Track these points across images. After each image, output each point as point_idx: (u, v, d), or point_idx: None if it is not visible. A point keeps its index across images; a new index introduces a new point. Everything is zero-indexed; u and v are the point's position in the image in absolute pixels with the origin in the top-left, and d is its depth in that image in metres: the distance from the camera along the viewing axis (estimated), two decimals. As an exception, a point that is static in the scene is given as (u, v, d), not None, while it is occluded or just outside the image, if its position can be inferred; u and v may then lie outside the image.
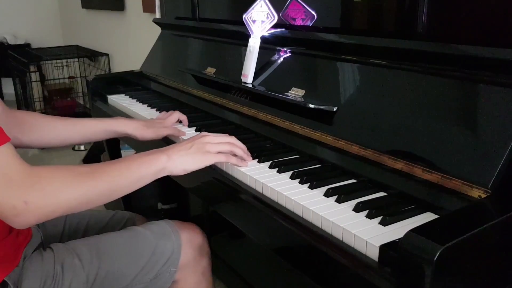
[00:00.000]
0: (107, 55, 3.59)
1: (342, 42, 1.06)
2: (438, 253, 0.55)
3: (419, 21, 0.93)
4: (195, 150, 0.93)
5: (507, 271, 0.68)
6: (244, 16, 1.24)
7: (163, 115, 1.29)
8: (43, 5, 4.62)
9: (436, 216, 0.74)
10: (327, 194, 0.83)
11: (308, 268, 0.79)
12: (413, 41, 0.91)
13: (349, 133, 0.94)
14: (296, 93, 1.09)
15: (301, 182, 0.89)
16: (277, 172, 0.94)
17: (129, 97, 1.67)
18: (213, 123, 1.31)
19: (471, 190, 0.72)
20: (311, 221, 0.78)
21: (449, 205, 0.73)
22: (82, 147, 3.30)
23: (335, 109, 0.99)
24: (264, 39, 1.21)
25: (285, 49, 1.22)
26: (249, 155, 1.00)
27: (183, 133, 1.20)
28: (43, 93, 3.91)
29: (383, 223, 0.72)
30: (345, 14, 1.14)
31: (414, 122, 0.85)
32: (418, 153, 0.81)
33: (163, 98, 1.61)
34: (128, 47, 3.26)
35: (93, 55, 3.72)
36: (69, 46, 4.23)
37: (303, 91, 1.08)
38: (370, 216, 0.75)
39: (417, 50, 0.90)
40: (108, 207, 2.04)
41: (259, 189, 0.90)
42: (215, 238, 1.70)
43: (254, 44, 1.21)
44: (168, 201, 2.04)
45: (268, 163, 0.98)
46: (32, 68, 3.72)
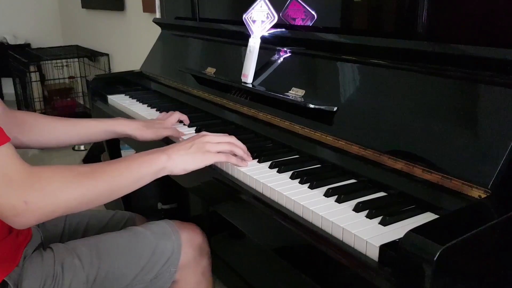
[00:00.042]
0: (107, 55, 3.59)
1: (342, 42, 1.06)
2: (438, 253, 0.55)
3: (419, 21, 0.93)
4: (195, 150, 0.93)
5: (507, 271, 0.68)
6: (244, 16, 1.24)
7: (163, 115, 1.29)
8: (43, 5, 4.62)
9: (436, 216, 0.74)
10: (327, 194, 0.83)
11: (308, 268, 0.79)
12: (413, 41, 0.91)
13: (349, 133, 0.94)
14: (296, 93, 1.09)
15: (301, 182, 0.89)
16: (277, 172, 0.94)
17: (129, 97, 1.67)
18: (213, 123, 1.31)
19: (471, 190, 0.72)
20: (311, 221, 0.78)
21: (449, 205, 0.73)
22: (82, 147, 3.30)
23: (335, 109, 0.99)
24: (264, 39, 1.21)
25: (285, 49, 1.22)
26: (249, 155, 1.00)
27: (183, 134, 1.20)
28: (43, 93, 3.90)
29: (383, 223, 0.73)
30: (345, 14, 1.14)
31: (414, 122, 0.85)
32: (418, 153, 0.81)
33: (163, 98, 1.61)
34: (128, 47, 3.26)
35: (93, 55, 3.72)
36: (69, 46, 4.23)
37: (303, 91, 1.08)
38: (370, 216, 0.75)
39: (417, 50, 0.90)
40: (108, 207, 2.04)
41: (259, 189, 0.90)
42: (215, 238, 1.70)
43: (254, 44, 1.21)
44: (168, 201, 2.04)
45: (268, 163, 0.98)
46: (32, 68, 3.72)
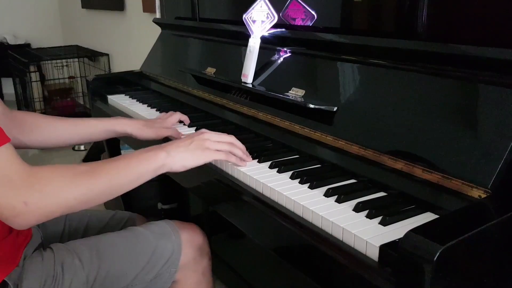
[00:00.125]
0: (107, 55, 3.59)
1: (342, 42, 1.06)
2: (438, 253, 0.55)
3: (419, 21, 0.93)
4: (195, 147, 0.93)
5: (507, 271, 0.68)
6: (244, 16, 1.24)
7: (163, 115, 1.29)
8: (43, 5, 4.62)
9: (436, 216, 0.74)
10: (327, 194, 0.83)
11: (308, 268, 0.79)
12: (413, 41, 0.91)
13: (349, 133, 0.94)
14: (296, 93, 1.09)
15: (301, 182, 0.89)
16: (277, 172, 0.94)
17: (129, 97, 1.67)
18: (213, 123, 1.31)
19: (471, 190, 0.72)
20: (311, 221, 0.78)
21: (449, 205, 0.73)
22: (82, 147, 3.30)
23: (335, 109, 0.99)
24: (264, 39, 1.21)
25: (285, 49, 1.22)
26: (248, 155, 1.00)
27: (183, 134, 1.20)
28: (43, 93, 3.91)
29: (383, 223, 0.73)
30: (345, 14, 1.14)
31: (414, 122, 0.84)
32: (418, 153, 0.81)
33: (163, 98, 1.61)
34: (128, 47, 3.26)
35: (93, 55, 3.72)
36: (69, 46, 4.23)
37: (303, 91, 1.08)
38: (370, 216, 0.75)
39: (417, 50, 0.90)
40: (108, 207, 2.04)
41: (259, 189, 0.90)
42: (215, 238, 1.70)
43: (254, 44, 1.21)
44: (168, 201, 2.04)
45: (268, 163, 0.98)
46: (32, 68, 3.73)
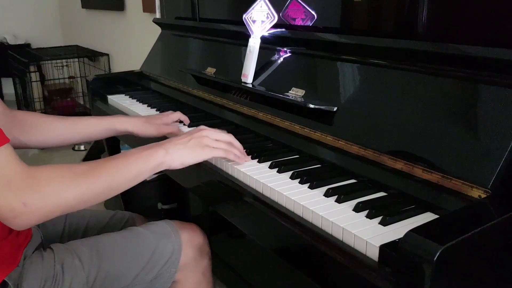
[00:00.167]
0: (107, 55, 3.59)
1: (342, 42, 1.06)
2: (438, 253, 0.55)
3: (419, 21, 0.93)
4: (194, 144, 0.92)
5: (507, 271, 0.68)
6: (244, 16, 1.24)
7: (163, 114, 1.29)
8: (43, 5, 4.62)
9: (436, 216, 0.74)
10: (327, 194, 0.83)
11: (308, 268, 0.79)
12: (413, 41, 0.91)
13: (349, 133, 0.94)
14: (296, 93, 1.09)
15: (301, 182, 0.89)
16: (277, 172, 0.94)
17: (129, 97, 1.67)
18: (213, 123, 1.31)
19: (471, 190, 0.72)
20: (311, 221, 0.78)
21: (449, 205, 0.73)
22: (82, 147, 3.30)
23: (335, 109, 0.99)
24: (264, 39, 1.21)
25: (285, 49, 1.22)
26: (245, 155, 1.00)
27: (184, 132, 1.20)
28: (43, 93, 3.90)
29: (383, 223, 0.72)
30: (345, 14, 1.14)
31: (414, 122, 0.84)
32: (418, 153, 0.81)
33: (163, 98, 1.61)
34: (128, 47, 3.26)
35: (93, 55, 3.72)
36: (69, 46, 4.23)
37: (303, 91, 1.08)
38: (370, 216, 0.75)
39: (417, 50, 0.90)
40: (108, 207, 2.04)
41: (259, 189, 0.90)
42: (215, 238, 1.70)
43: (254, 44, 1.21)
44: (168, 201, 2.04)
45: (268, 163, 0.98)
46: (32, 68, 3.72)
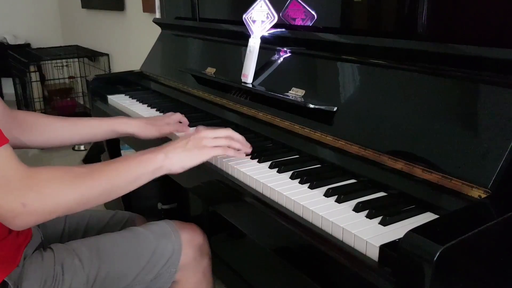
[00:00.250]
0: (107, 55, 3.59)
1: (342, 42, 1.06)
2: (438, 253, 0.55)
3: (419, 21, 0.93)
4: (192, 146, 0.92)
5: (507, 271, 0.68)
6: (244, 16, 1.24)
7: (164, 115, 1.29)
8: (43, 5, 4.62)
9: (436, 216, 0.74)
10: (327, 194, 0.83)
11: (308, 268, 0.79)
12: (413, 41, 0.91)
13: (349, 133, 0.94)
14: (296, 93, 1.09)
15: (301, 182, 0.89)
16: (277, 172, 0.94)
17: (129, 97, 1.67)
18: (213, 123, 1.31)
19: (471, 190, 0.72)
20: (311, 221, 0.78)
21: (449, 205, 0.73)
22: (82, 147, 3.30)
23: (335, 109, 0.99)
24: (264, 39, 1.21)
25: (285, 49, 1.22)
26: (248, 145, 1.00)
27: (187, 128, 1.19)
28: (43, 93, 3.90)
29: (383, 223, 0.73)
30: (345, 14, 1.14)
31: (414, 122, 0.84)
32: (418, 153, 0.81)
33: (163, 98, 1.61)
34: (128, 47, 3.26)
35: (93, 55, 3.72)
36: (69, 46, 4.23)
37: (303, 91, 1.08)
38: (370, 216, 0.75)
39: (417, 50, 0.90)
40: (108, 207, 2.04)
41: (259, 189, 0.90)
42: (215, 238, 1.70)
43: (254, 44, 1.21)
44: (168, 201, 2.04)
45: (268, 163, 0.98)
46: (32, 68, 3.72)
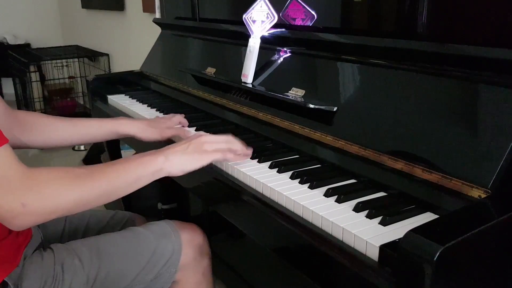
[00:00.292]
0: (107, 55, 3.59)
1: (342, 42, 1.06)
2: (438, 253, 0.55)
3: (419, 21, 0.93)
4: (192, 150, 0.92)
5: (507, 271, 0.68)
6: (244, 16, 1.24)
7: (165, 117, 1.29)
8: (43, 5, 4.62)
9: (436, 216, 0.74)
10: (327, 194, 0.83)
11: (308, 268, 0.79)
12: (413, 41, 0.91)
13: (349, 133, 0.94)
14: (296, 93, 1.09)
15: (301, 182, 0.89)
16: (277, 172, 0.94)
17: (129, 97, 1.67)
18: (213, 123, 1.31)
19: (471, 190, 0.72)
20: (311, 221, 0.78)
21: (449, 205, 0.73)
22: (82, 147, 3.30)
23: (335, 109, 0.99)
24: (264, 39, 1.21)
25: (285, 49, 1.22)
26: (248, 149, 1.00)
27: (188, 133, 1.19)
28: (43, 93, 3.91)
29: (383, 223, 0.73)
30: (345, 14, 1.14)
31: (414, 122, 0.84)
32: (418, 153, 0.81)
33: (163, 98, 1.61)
34: (128, 47, 3.26)
35: (93, 55, 3.72)
36: (69, 46, 4.23)
37: (303, 91, 1.08)
38: (370, 216, 0.75)
39: (417, 50, 0.90)
40: (108, 207, 2.04)
41: (259, 189, 0.90)
42: (215, 238, 1.70)
43: (254, 44, 1.21)
44: (168, 201, 2.04)
45: (268, 163, 0.98)
46: (32, 68, 3.73)
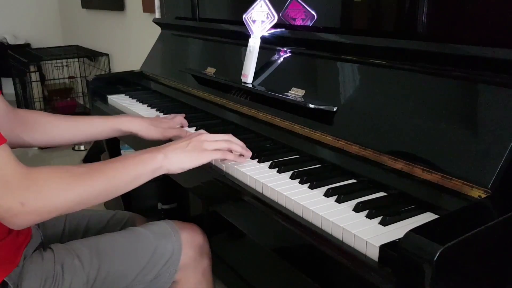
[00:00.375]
0: (107, 55, 3.59)
1: (342, 42, 1.06)
2: (438, 253, 0.55)
3: (419, 21, 0.93)
4: (192, 148, 0.92)
5: (507, 271, 0.68)
6: (244, 16, 1.24)
7: (167, 117, 1.29)
8: (43, 5, 4.62)
9: (436, 216, 0.74)
10: (327, 194, 0.83)
11: (308, 268, 0.79)
12: (413, 41, 0.91)
13: (349, 133, 0.94)
14: (296, 93, 1.09)
15: (301, 182, 0.89)
16: (277, 172, 0.94)
17: (129, 97, 1.67)
18: (213, 123, 1.31)
19: (471, 190, 0.72)
20: (311, 221, 0.78)
21: (449, 205, 0.73)
22: (82, 147, 3.30)
23: (335, 109, 0.99)
24: (264, 39, 1.21)
25: (285, 49, 1.22)
26: (248, 151, 1.00)
27: (189, 133, 1.19)
28: (43, 93, 3.90)
29: (383, 223, 0.73)
30: (345, 14, 1.14)
31: (414, 122, 0.84)
32: (418, 153, 0.81)
33: (163, 98, 1.61)
34: (128, 47, 3.26)
35: (93, 55, 3.72)
36: (69, 46, 4.23)
37: (303, 91, 1.08)
38: (370, 216, 0.75)
39: (417, 50, 0.90)
40: (108, 207, 2.04)
41: (259, 189, 0.90)
42: (215, 238, 1.70)
43: (254, 44, 1.21)
44: (168, 201, 2.04)
45: (268, 163, 0.98)
46: (32, 68, 3.72)
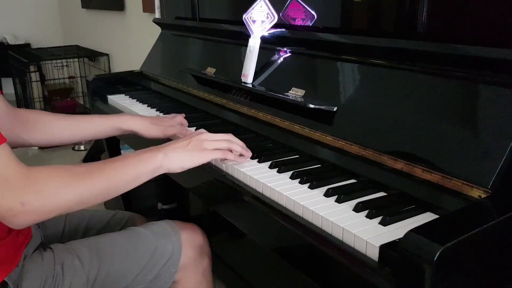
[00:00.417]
0: (107, 55, 3.59)
1: (342, 42, 1.06)
2: (438, 253, 0.55)
3: (419, 21, 0.93)
4: (192, 147, 0.92)
5: (507, 271, 0.68)
6: (244, 16, 1.24)
7: (168, 117, 1.29)
8: (43, 5, 4.62)
9: (436, 216, 0.74)
10: (327, 194, 0.83)
11: (308, 268, 0.79)
12: (413, 41, 0.91)
13: (349, 133, 0.94)
14: (296, 93, 1.09)
15: (301, 182, 0.89)
16: (277, 172, 0.94)
17: (129, 97, 1.67)
18: (213, 123, 1.31)
19: (471, 190, 0.72)
20: (311, 221, 0.78)
21: (449, 205, 0.73)
22: (82, 147, 3.30)
23: (335, 109, 0.99)
24: (264, 39, 1.21)
25: (285, 49, 1.22)
26: (248, 151, 1.00)
27: (190, 131, 1.19)
28: (43, 93, 3.91)
29: (383, 223, 0.73)
30: (345, 14, 1.14)
31: (414, 122, 0.84)
32: (418, 153, 0.81)
33: (163, 98, 1.61)
34: (128, 47, 3.26)
35: (93, 55, 3.72)
36: (69, 46, 4.23)
37: (303, 91, 1.08)
38: (370, 216, 0.75)
39: (417, 50, 0.90)
40: (108, 207, 2.04)
41: (259, 189, 0.90)
42: (215, 238, 1.70)
43: (254, 44, 1.21)
44: (168, 201, 2.04)
45: (268, 163, 0.98)
46: (32, 68, 3.72)
